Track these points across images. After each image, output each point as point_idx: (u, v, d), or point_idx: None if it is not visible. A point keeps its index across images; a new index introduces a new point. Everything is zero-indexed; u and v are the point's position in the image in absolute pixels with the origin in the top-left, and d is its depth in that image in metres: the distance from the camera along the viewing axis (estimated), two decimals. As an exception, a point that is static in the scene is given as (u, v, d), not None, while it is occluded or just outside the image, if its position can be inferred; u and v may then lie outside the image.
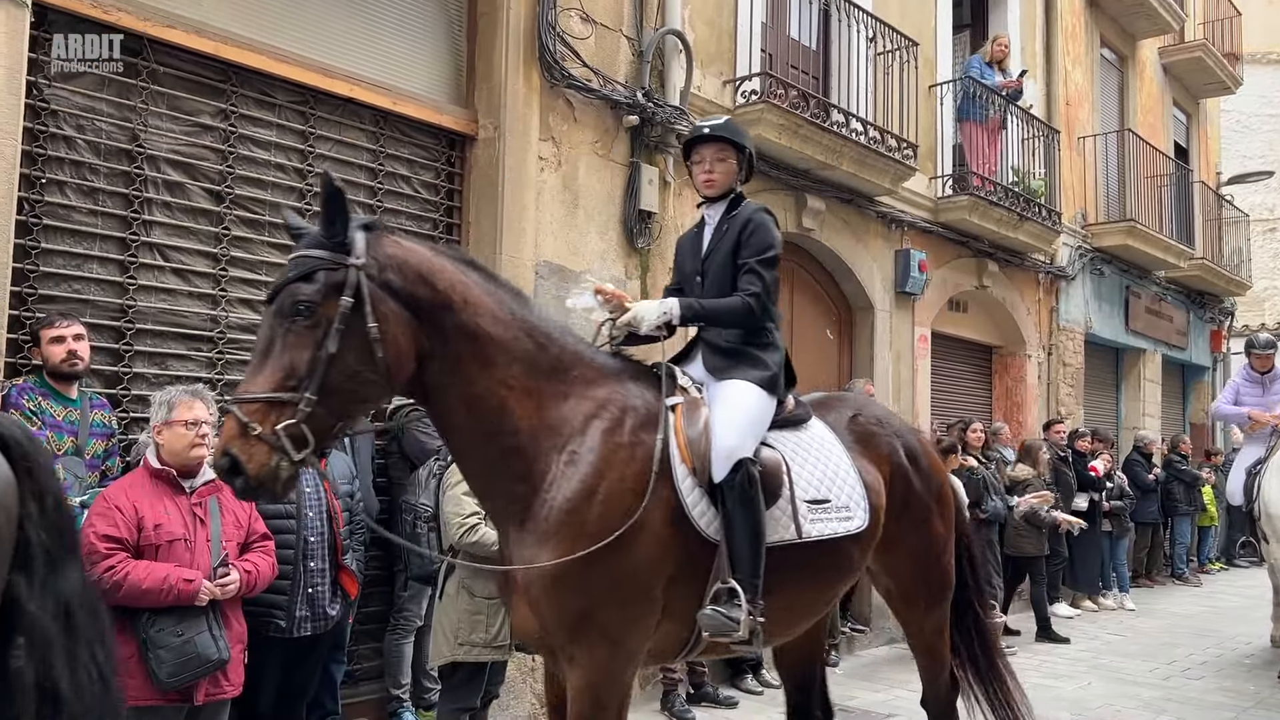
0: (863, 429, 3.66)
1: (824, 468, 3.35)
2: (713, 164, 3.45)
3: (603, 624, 2.87)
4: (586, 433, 2.94)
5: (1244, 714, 6.25)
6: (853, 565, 3.48)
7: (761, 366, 3.28)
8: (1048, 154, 10.48)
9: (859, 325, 8.65)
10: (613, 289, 3.40)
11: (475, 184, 5.71)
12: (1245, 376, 8.01)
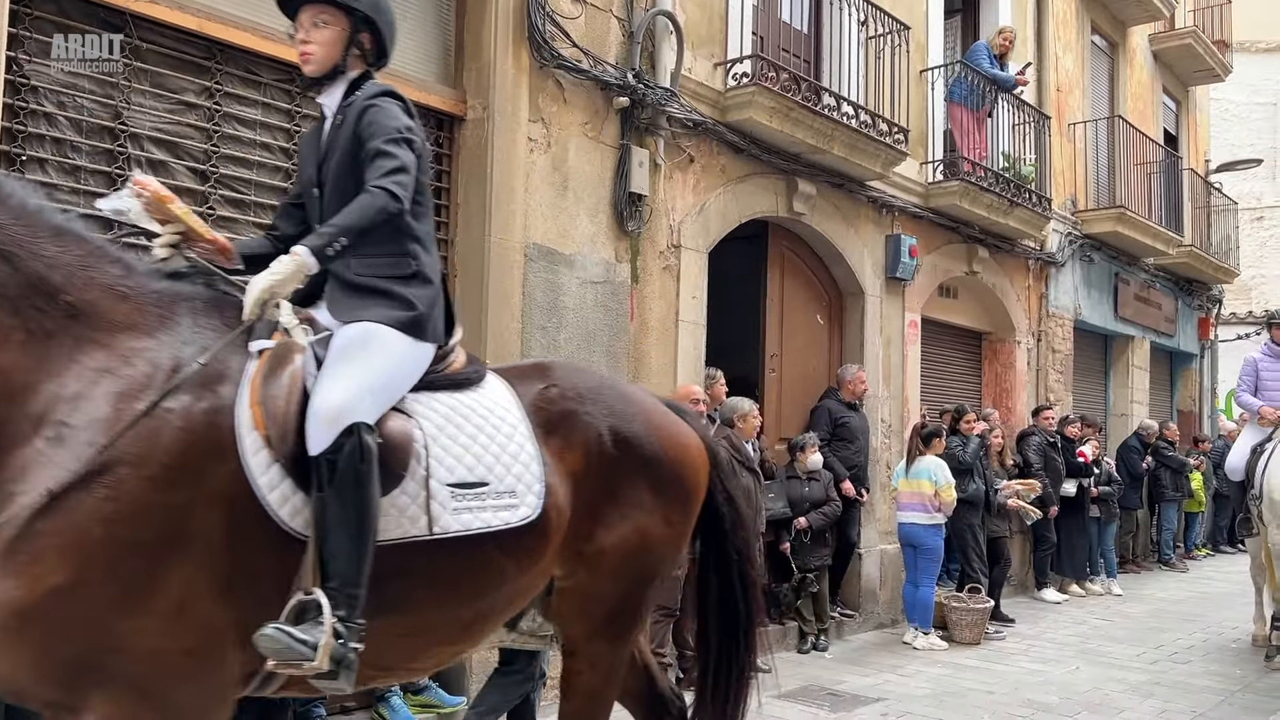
0: (555, 406, 2.81)
1: (486, 442, 2.59)
2: (309, 31, 2.72)
3: (125, 673, 2.07)
4: (88, 397, 2.12)
5: (1230, 698, 6.28)
6: (521, 569, 2.65)
7: (400, 304, 2.58)
8: (1038, 140, 10.45)
9: (849, 310, 8.63)
10: (156, 185, 2.55)
11: (463, 165, 5.65)
12: (1266, 351, 7.83)
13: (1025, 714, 5.79)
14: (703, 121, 6.86)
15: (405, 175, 2.52)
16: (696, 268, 6.88)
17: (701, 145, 6.94)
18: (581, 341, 6.03)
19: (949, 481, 7.54)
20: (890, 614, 8.42)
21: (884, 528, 8.38)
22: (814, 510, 7.30)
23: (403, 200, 2.50)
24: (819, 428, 7.84)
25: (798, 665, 6.90)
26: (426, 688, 5.04)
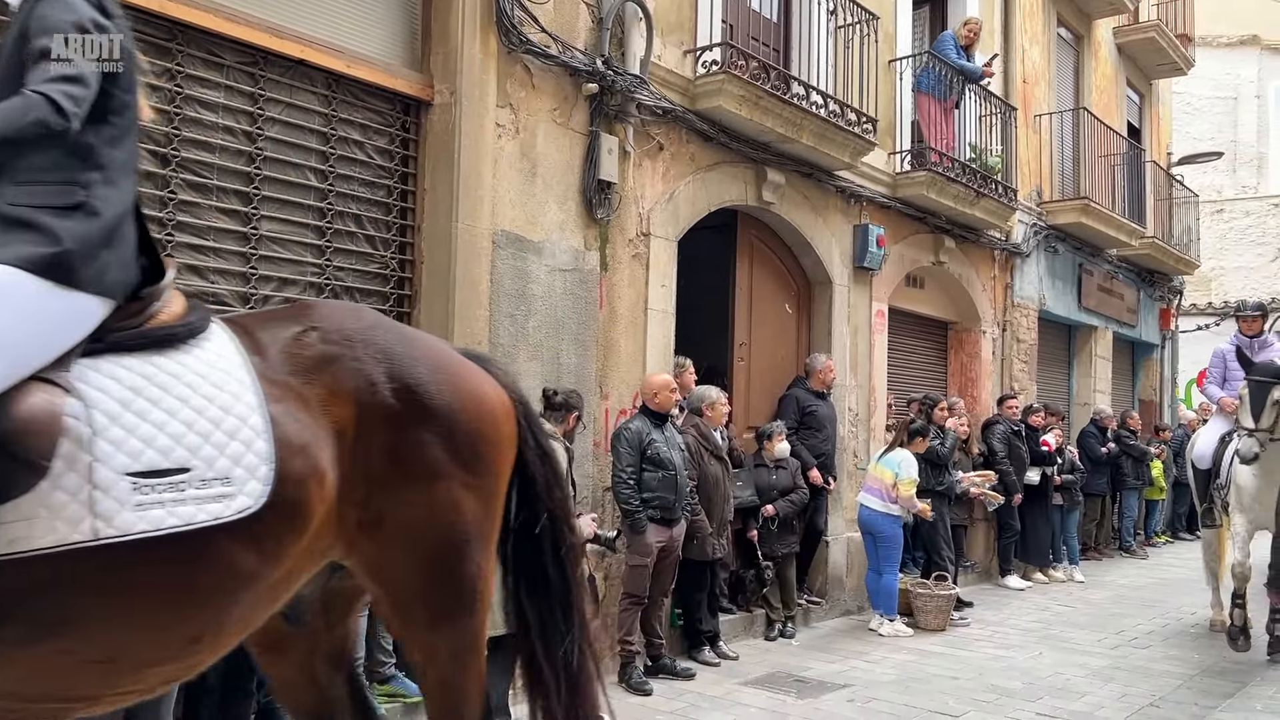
0: (314, 351, 2.31)
1: (192, 416, 2.06)
2: None
3: None
4: None
5: (1189, 682, 6.39)
6: (269, 560, 2.14)
7: (40, 240, 1.99)
8: (1005, 131, 10.53)
9: (817, 300, 8.66)
10: None
11: (431, 150, 5.60)
12: (1234, 341, 7.88)
13: (989, 699, 5.85)
14: (672, 109, 6.84)
15: (78, 86, 2.01)
16: (666, 256, 6.87)
17: (671, 133, 6.92)
18: (550, 329, 6.00)
19: (910, 478, 7.57)
20: (857, 601, 8.48)
21: (850, 516, 8.42)
22: (781, 498, 7.32)
23: (69, 114, 1.98)
24: (787, 416, 7.86)
25: (764, 652, 6.93)
26: (393, 677, 5.01)
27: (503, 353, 5.69)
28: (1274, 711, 5.69)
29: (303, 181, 5.10)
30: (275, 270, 4.97)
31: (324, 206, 5.17)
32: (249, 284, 4.84)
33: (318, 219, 5.16)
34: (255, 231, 4.87)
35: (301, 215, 5.09)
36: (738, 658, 6.65)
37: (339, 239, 5.25)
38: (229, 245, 4.79)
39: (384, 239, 5.47)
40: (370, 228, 5.41)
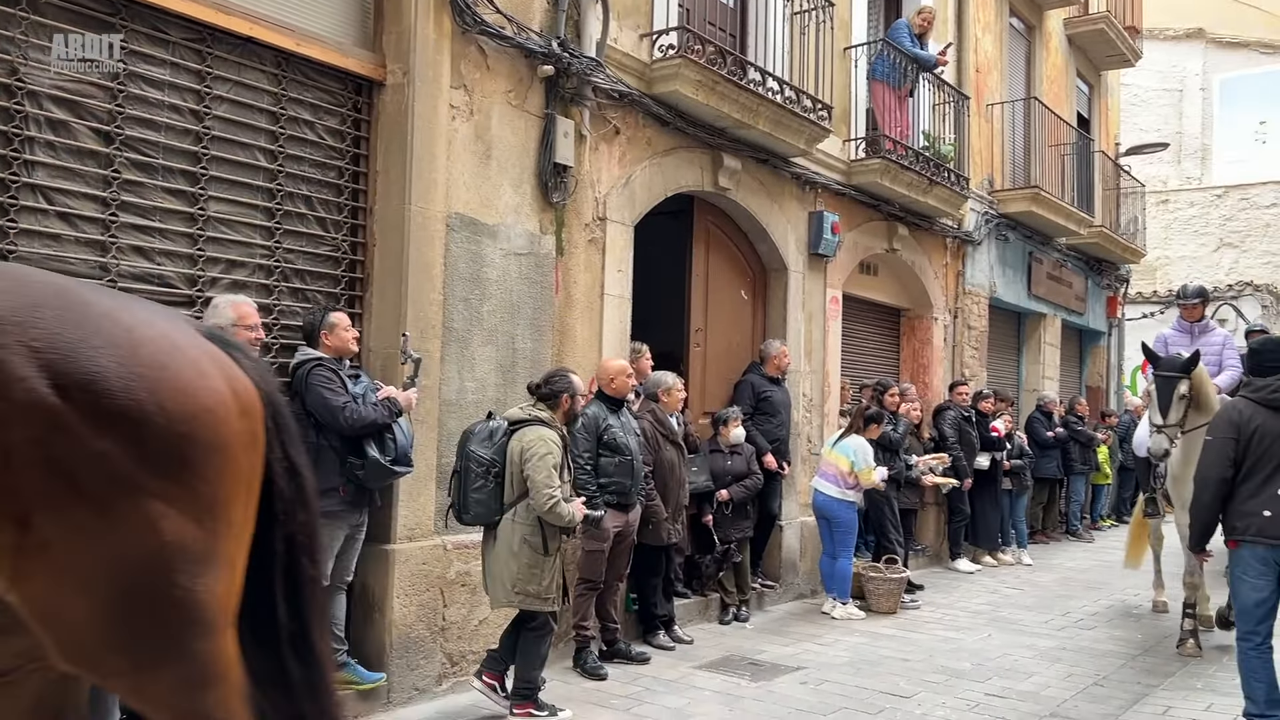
0: None
1: None
2: None
3: None
4: None
5: (1131, 662, 6.53)
6: None
7: None
8: (958, 120, 10.63)
9: (773, 286, 8.69)
10: None
11: (383, 132, 5.51)
12: (1176, 327, 7.95)
13: (939, 680, 5.94)
14: (628, 93, 6.81)
15: None
16: (622, 241, 6.85)
17: (627, 117, 6.89)
18: (505, 314, 5.96)
19: (867, 465, 7.64)
20: (810, 584, 8.55)
21: (804, 500, 8.49)
22: (736, 483, 7.35)
23: None
24: (742, 402, 7.89)
25: (719, 636, 6.97)
26: (345, 664, 4.96)
27: (457, 337, 5.64)
28: (1214, 689, 5.84)
29: (251, 162, 4.99)
30: (223, 252, 4.87)
31: (273, 188, 5.08)
32: (196, 266, 4.74)
33: (267, 200, 5.06)
34: (203, 212, 4.77)
35: (250, 196, 4.99)
36: (692, 641, 6.68)
37: (289, 220, 5.15)
38: (175, 226, 4.68)
39: (335, 221, 5.38)
40: (321, 209, 5.32)
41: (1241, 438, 4.89)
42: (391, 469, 4.82)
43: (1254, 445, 4.87)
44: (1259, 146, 24.57)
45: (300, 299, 5.20)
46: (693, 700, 5.44)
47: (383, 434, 4.79)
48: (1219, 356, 7.67)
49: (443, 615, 5.48)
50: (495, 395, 5.87)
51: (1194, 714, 5.38)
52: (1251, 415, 4.92)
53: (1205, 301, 8.02)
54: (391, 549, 5.24)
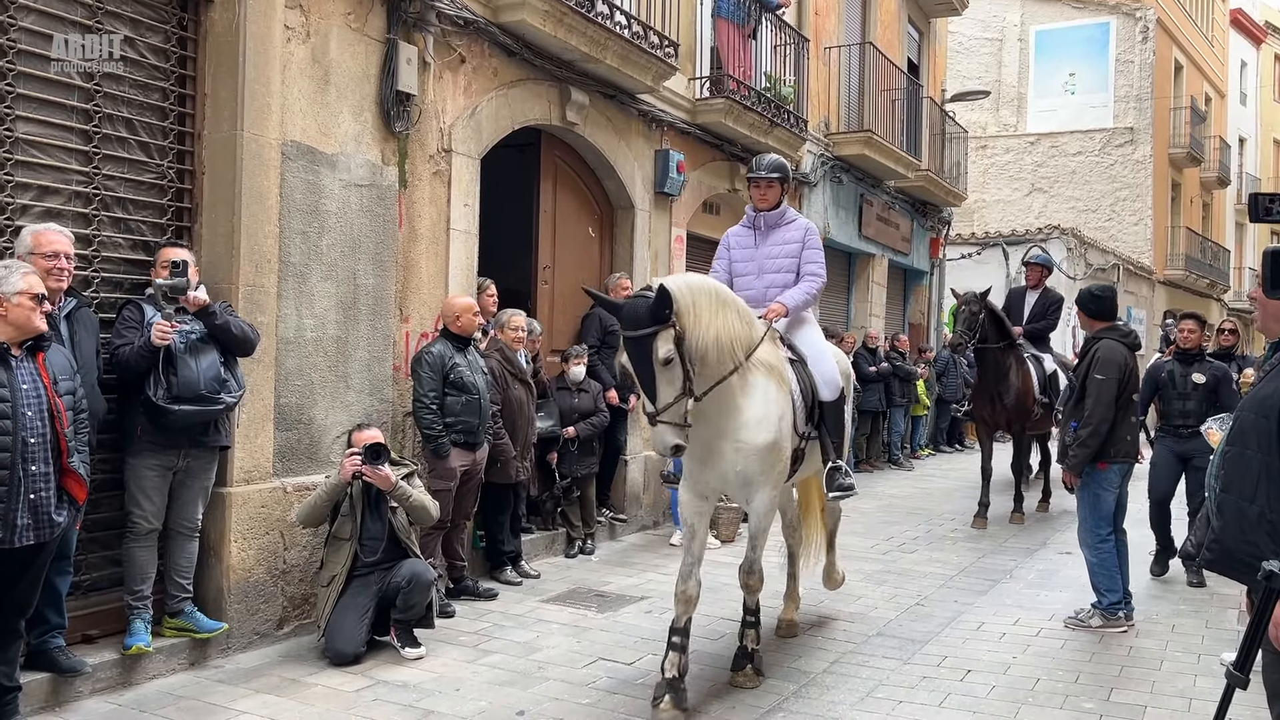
0: None
1: None
2: None
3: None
4: None
5: (949, 582, 7.02)
6: None
7: None
8: (798, 62, 10.83)
9: (619, 224, 8.71)
10: None
11: (211, 52, 5.16)
12: (745, 223, 5.40)
13: (774, 605, 6.20)
14: (474, 20, 6.61)
15: None
16: (468, 174, 6.69)
17: (473, 46, 6.69)
18: (346, 248, 5.75)
19: None
20: (653, 516, 8.77)
21: (648, 435, 8.64)
22: (582, 420, 7.41)
23: None
24: (589, 336, 7.93)
25: (565, 569, 7.08)
26: (183, 611, 4.78)
27: (294, 272, 5.42)
28: (1021, 606, 6.36)
29: (64, 80, 4.59)
30: (35, 177, 4.48)
31: (89, 109, 4.69)
32: (4, 193, 4.35)
33: (83, 122, 4.67)
34: (10, 134, 4.36)
35: (64, 117, 4.60)
36: (539, 576, 6.76)
37: (108, 145, 4.78)
38: (-23, 148, 4.28)
39: (159, 146, 5.03)
40: (144, 134, 4.95)
41: (1123, 377, 5.74)
42: (166, 407, 4.45)
43: (1128, 383, 5.79)
44: (1068, 97, 26.17)
45: (123, 229, 4.86)
46: (541, 634, 5.52)
47: (163, 371, 4.47)
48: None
49: (283, 559, 5.34)
50: (336, 333, 5.69)
51: (1005, 628, 5.86)
52: (1126, 357, 5.80)
53: (786, 178, 5.38)
54: (228, 492, 5.05)
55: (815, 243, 5.23)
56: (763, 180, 5.25)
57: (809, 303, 5.20)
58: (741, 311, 4.36)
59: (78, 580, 4.52)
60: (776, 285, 5.16)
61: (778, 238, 5.24)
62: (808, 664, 5.13)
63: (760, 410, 4.39)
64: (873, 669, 5.07)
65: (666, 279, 4.06)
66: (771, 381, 4.47)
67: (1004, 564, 7.63)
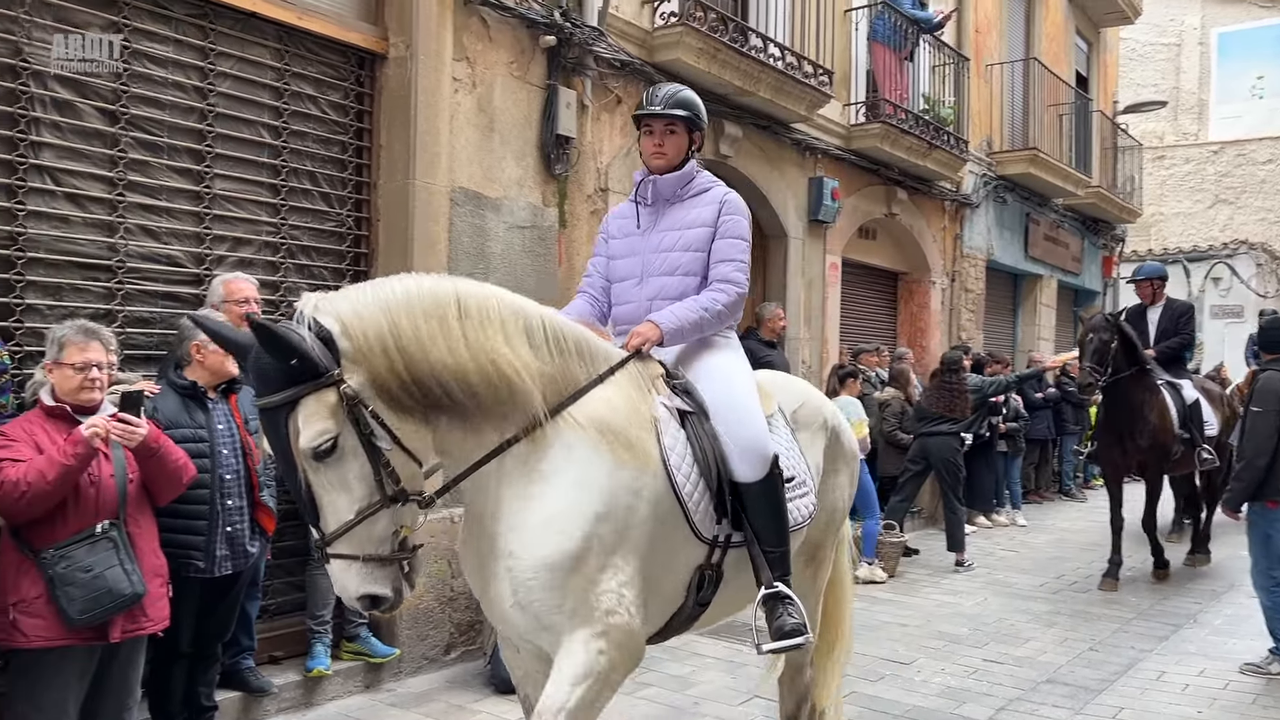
0: None
1: None
2: None
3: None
4: None
5: (1126, 626, 6.66)
6: None
7: None
8: (957, 81, 10.59)
9: (772, 253, 8.71)
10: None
11: (386, 105, 5.48)
12: (631, 196, 3.59)
13: (938, 646, 6.06)
14: (630, 62, 6.77)
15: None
16: (623, 211, 6.83)
17: (629, 86, 6.85)
18: (509, 287, 5.90)
19: (860, 419, 7.74)
20: (809, 549, 8.66)
21: (804, 466, 8.57)
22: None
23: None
24: (741, 369, 7.92)
25: (721, 602, 7.08)
26: (359, 636, 5.05)
27: (462, 311, 5.66)
28: (1207, 654, 5.97)
29: (256, 139, 4.97)
30: (230, 230, 4.87)
31: (278, 164, 5.06)
32: (203, 245, 4.74)
33: (272, 176, 5.05)
34: (208, 191, 4.76)
35: (255, 173, 4.98)
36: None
37: (294, 197, 5.14)
38: (182, 205, 4.68)
39: (339, 196, 5.37)
40: (325, 185, 5.31)
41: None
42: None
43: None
44: (1256, 101, 24.47)
45: (306, 275, 5.21)
46: (696, 668, 5.55)
47: None
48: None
49: (451, 586, 5.56)
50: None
51: (1187, 679, 5.51)
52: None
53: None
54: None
55: (736, 227, 3.27)
56: (657, 121, 3.27)
57: (707, 323, 3.15)
58: (541, 331, 2.70)
59: (265, 605, 4.85)
60: (670, 296, 3.22)
61: (677, 219, 3.29)
62: (972, 710, 4.97)
63: (557, 502, 2.60)
64: (1041, 719, 4.87)
65: (330, 296, 2.48)
66: (599, 452, 2.67)
67: (1187, 607, 7.18)
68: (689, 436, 2.91)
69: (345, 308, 2.41)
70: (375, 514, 2.40)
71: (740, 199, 3.36)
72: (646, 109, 3.28)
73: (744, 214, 3.31)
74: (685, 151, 3.30)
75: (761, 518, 2.98)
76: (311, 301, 2.41)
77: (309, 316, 2.35)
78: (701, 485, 2.87)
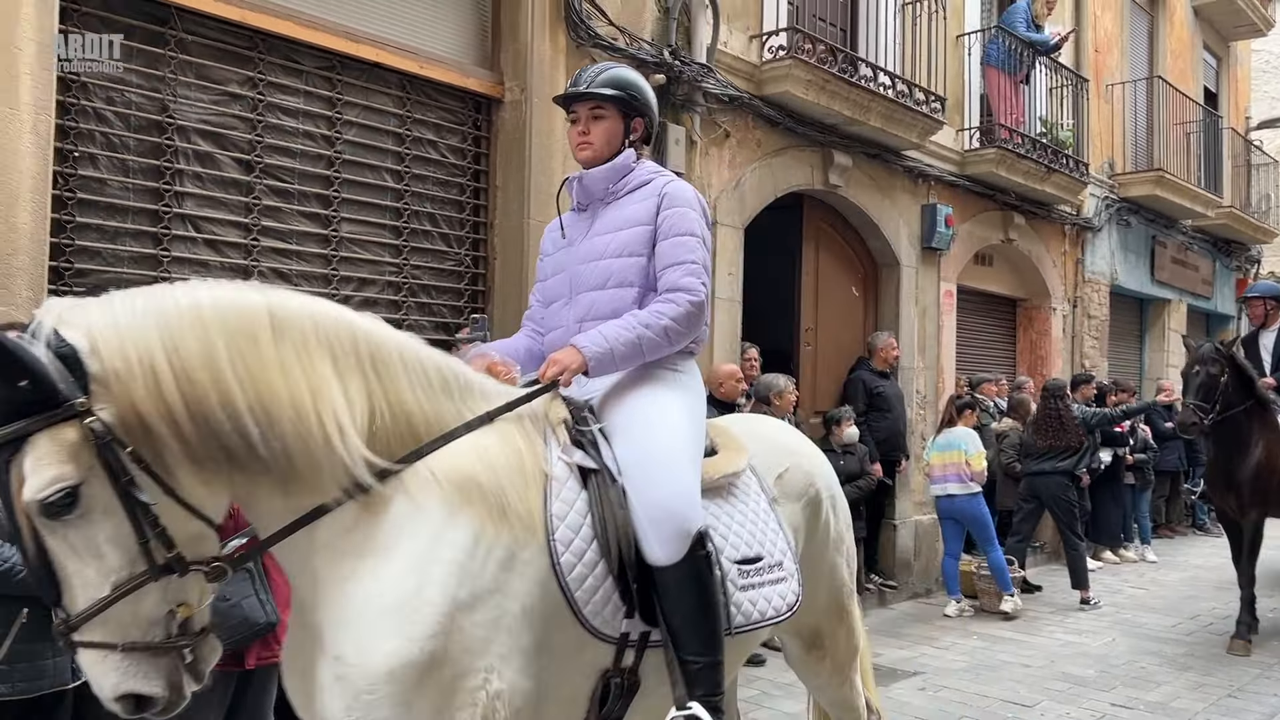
0: None
1: None
2: None
3: None
4: None
5: (1267, 671, 6.30)
6: None
7: None
8: (1076, 103, 10.31)
9: (885, 282, 8.60)
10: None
11: (502, 147, 5.66)
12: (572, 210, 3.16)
13: (1062, 689, 5.84)
14: (738, 96, 6.81)
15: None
16: (733, 244, 6.88)
17: (737, 120, 6.90)
18: (620, 321, 6.05)
19: (979, 450, 7.58)
20: (924, 584, 8.48)
21: (918, 498, 8.41)
22: (849, 484, 7.32)
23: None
24: (855, 399, 7.86)
25: (834, 637, 6.97)
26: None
27: (574, 346, 5.77)
28: (1358, 705, 5.60)
29: (379, 183, 5.20)
30: (355, 271, 5.09)
31: (400, 206, 5.27)
32: (330, 285, 4.96)
33: (394, 219, 5.26)
34: (335, 233, 4.99)
35: (379, 216, 5.20)
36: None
37: (415, 238, 5.35)
38: (311, 248, 4.91)
39: (458, 236, 5.56)
40: (444, 226, 5.50)
41: None
42: None
43: None
44: (1404, 112, 23.05)
45: (427, 313, 5.39)
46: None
47: None
48: None
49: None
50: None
51: (1336, 731, 5.19)
52: None
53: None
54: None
55: (683, 222, 2.61)
56: (582, 106, 2.72)
57: (651, 344, 2.49)
58: (375, 359, 2.07)
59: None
60: (601, 314, 2.60)
61: (609, 220, 2.69)
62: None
63: (400, 587, 1.98)
64: (1176, 770, 4.65)
65: (84, 302, 1.86)
66: (459, 519, 2.06)
67: (1336, 654, 6.76)
68: (592, 502, 2.28)
69: (99, 318, 1.81)
70: (139, 588, 1.81)
71: (688, 188, 2.72)
72: (573, 89, 2.73)
73: (693, 204, 2.66)
74: (620, 141, 2.73)
75: (680, 614, 2.28)
76: (55, 309, 1.81)
77: (48, 328, 1.76)
78: (601, 567, 2.22)
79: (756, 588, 2.53)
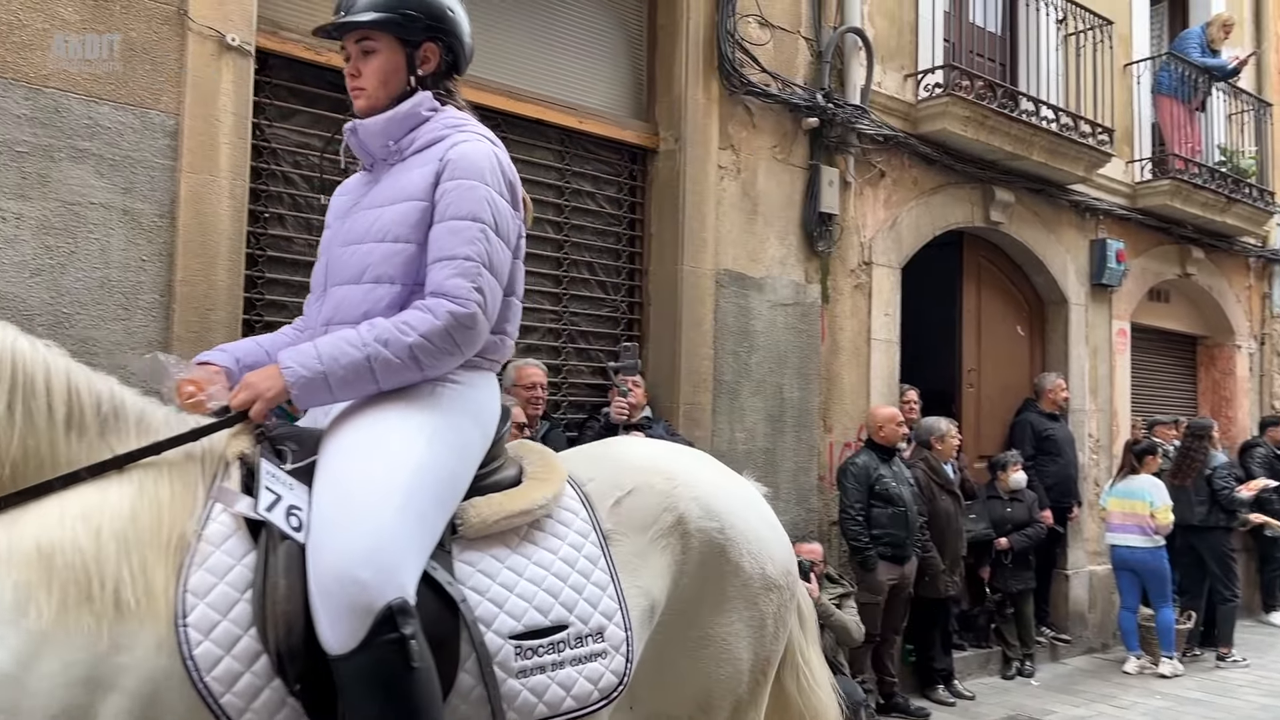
0: None
1: None
2: None
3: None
4: None
5: None
6: None
7: None
8: (1259, 129, 9.71)
9: (1051, 320, 8.28)
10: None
11: (656, 196, 5.78)
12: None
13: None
14: (893, 135, 6.74)
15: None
16: (889, 284, 6.77)
17: (892, 159, 6.82)
18: (773, 364, 6.05)
19: (1165, 504, 7.15)
20: (1100, 638, 8.02)
21: (1092, 548, 8.00)
22: (1016, 531, 7.04)
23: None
24: (1022, 444, 7.57)
25: (1003, 692, 6.69)
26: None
27: (727, 389, 5.79)
28: None
29: (540, 234, 5.38)
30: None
31: (560, 256, 5.45)
32: (494, 333, 5.15)
33: (554, 268, 5.43)
34: (499, 284, 5.19)
35: (540, 265, 5.37)
36: (974, 697, 6.45)
37: (574, 286, 5.50)
38: (476, 298, 5.12)
39: (614, 284, 5.69)
40: (602, 273, 5.64)
41: None
42: None
43: None
44: None
45: (584, 359, 5.53)
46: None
47: None
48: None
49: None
50: (764, 445, 5.97)
51: None
52: None
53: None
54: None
55: (464, 200, 2.06)
56: (348, 40, 2.19)
57: (386, 368, 1.95)
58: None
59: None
60: (349, 317, 2.08)
61: (384, 192, 2.16)
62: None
63: None
64: None
65: None
66: (28, 609, 1.58)
67: None
68: (259, 568, 1.75)
69: None
70: None
71: (484, 149, 2.13)
72: (336, 18, 2.14)
73: (485, 175, 2.07)
74: (402, 78, 2.15)
75: (361, 717, 1.71)
76: None
77: None
78: (265, 661, 1.70)
79: (550, 669, 1.93)
